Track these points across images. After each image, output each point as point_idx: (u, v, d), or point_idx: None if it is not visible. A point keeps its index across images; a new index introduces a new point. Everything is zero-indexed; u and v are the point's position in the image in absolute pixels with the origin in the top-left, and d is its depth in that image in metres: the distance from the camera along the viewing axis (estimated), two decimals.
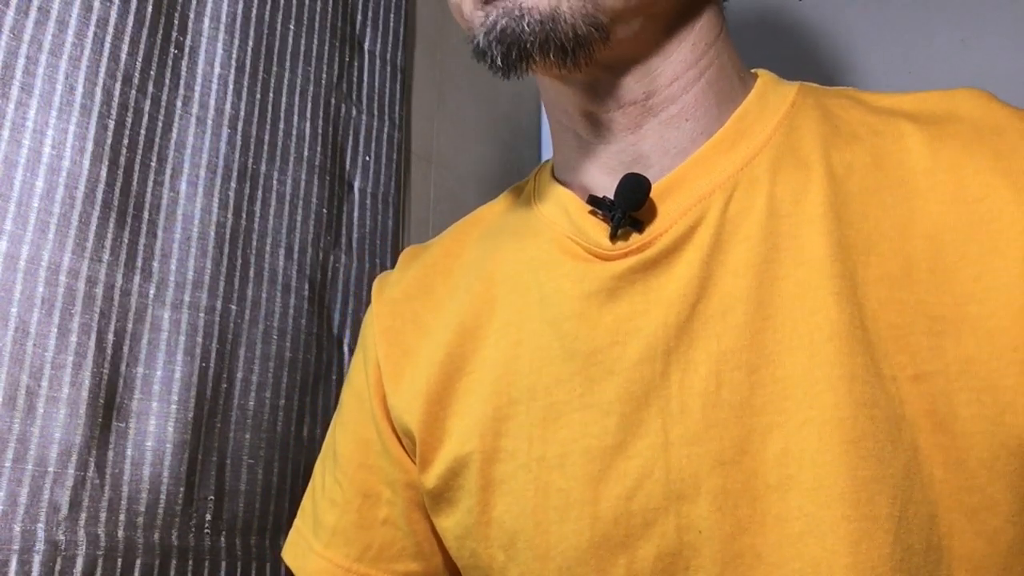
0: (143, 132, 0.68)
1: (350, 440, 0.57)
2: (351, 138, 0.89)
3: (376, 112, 0.92)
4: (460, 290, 0.53)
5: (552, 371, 0.47)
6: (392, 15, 0.96)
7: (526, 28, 0.42)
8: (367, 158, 0.90)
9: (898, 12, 0.91)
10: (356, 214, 0.88)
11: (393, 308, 0.56)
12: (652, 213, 0.46)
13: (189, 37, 0.73)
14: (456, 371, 0.51)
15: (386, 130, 0.93)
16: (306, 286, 0.80)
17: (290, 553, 0.58)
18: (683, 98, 0.46)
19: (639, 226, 0.46)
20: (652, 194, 0.45)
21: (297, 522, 0.60)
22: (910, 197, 0.42)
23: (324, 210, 0.83)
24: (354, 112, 0.89)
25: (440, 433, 0.50)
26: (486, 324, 0.51)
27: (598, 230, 0.47)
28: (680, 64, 0.46)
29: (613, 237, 0.46)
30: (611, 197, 0.46)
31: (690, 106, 0.47)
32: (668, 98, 0.46)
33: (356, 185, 0.88)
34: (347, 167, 0.88)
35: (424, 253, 0.59)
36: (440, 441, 0.50)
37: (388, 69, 0.94)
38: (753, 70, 0.51)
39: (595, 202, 0.47)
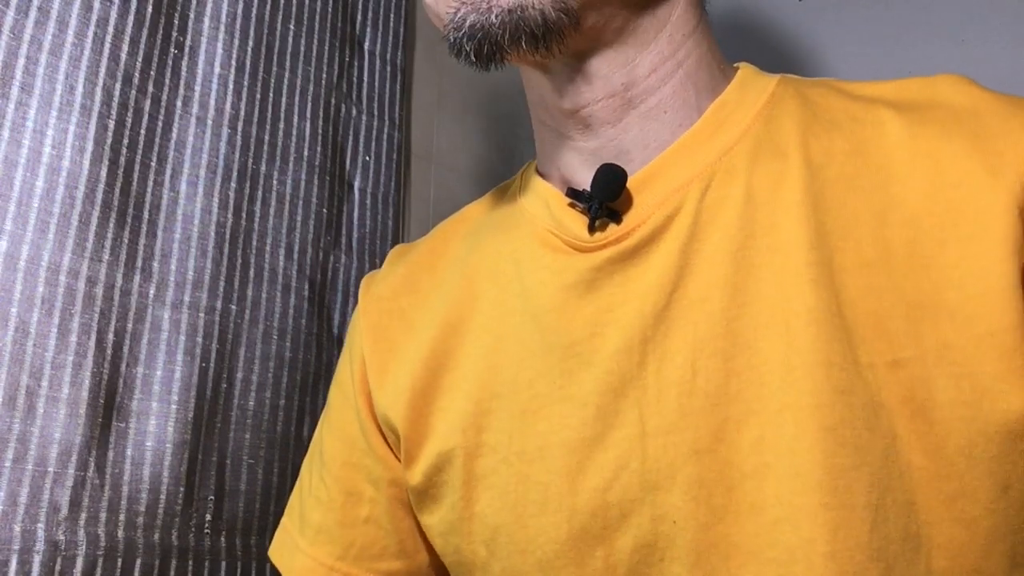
0: (143, 132, 0.68)
1: (335, 438, 0.57)
2: (351, 138, 0.89)
3: (376, 112, 0.92)
4: (445, 286, 0.54)
5: (533, 364, 0.47)
6: (392, 15, 0.96)
7: (494, 21, 0.42)
8: (367, 158, 0.90)
9: (898, 12, 0.91)
10: (356, 214, 0.88)
11: (380, 305, 0.56)
12: (630, 204, 0.46)
13: (189, 37, 0.73)
14: (440, 367, 0.51)
15: (386, 130, 0.93)
16: (306, 286, 0.80)
17: (277, 552, 0.58)
18: (661, 90, 0.47)
19: (617, 217, 0.46)
20: (629, 185, 0.46)
21: (284, 520, 0.60)
22: (888, 183, 0.42)
23: (324, 210, 0.83)
24: (354, 112, 0.89)
25: (424, 429, 0.50)
26: (469, 319, 0.51)
27: (577, 222, 0.47)
28: (656, 56, 0.47)
29: (591, 229, 0.46)
30: (589, 190, 0.46)
31: (668, 98, 0.47)
32: (647, 90, 0.47)
33: (356, 185, 0.88)
34: (347, 167, 0.88)
35: (411, 251, 0.59)
36: (424, 437, 0.50)
37: (388, 69, 0.94)
38: (735, 64, 0.51)
39: (574, 194, 0.47)
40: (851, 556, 0.38)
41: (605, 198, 0.45)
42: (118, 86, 0.66)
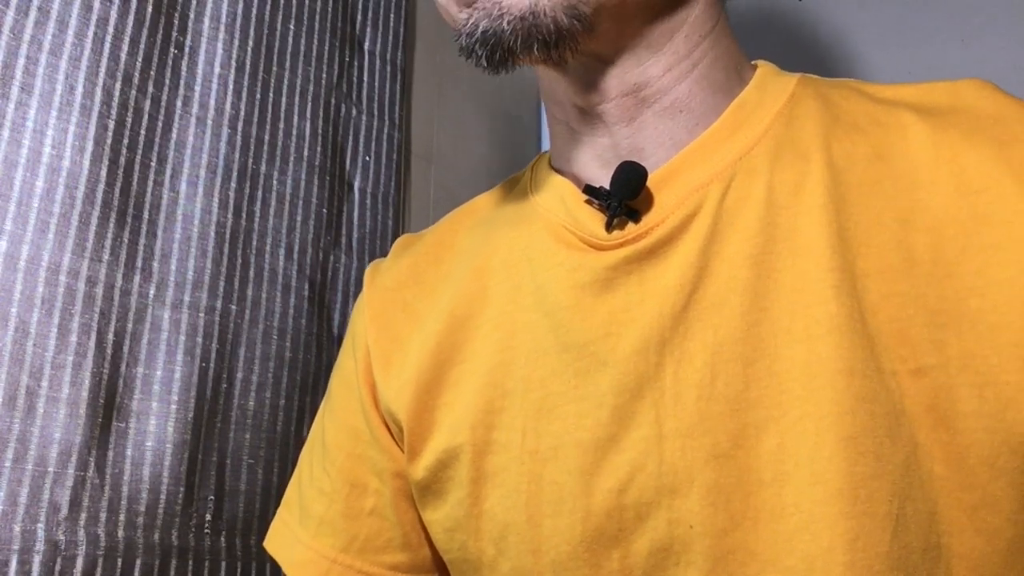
0: (143, 132, 0.68)
1: (339, 429, 0.56)
2: (351, 138, 0.89)
3: (376, 112, 0.92)
4: (452, 278, 0.53)
5: (546, 363, 0.46)
6: (392, 15, 0.96)
7: (506, 28, 0.42)
8: (367, 158, 0.90)
9: (898, 12, 0.91)
10: (356, 214, 0.88)
11: (384, 296, 0.56)
12: (649, 203, 0.45)
13: (189, 37, 0.73)
14: (447, 361, 0.50)
15: (386, 130, 0.93)
16: (306, 286, 0.80)
17: (275, 543, 0.57)
18: (676, 89, 0.46)
19: (635, 216, 0.45)
20: (649, 184, 0.45)
21: (281, 512, 0.59)
22: (912, 189, 0.42)
23: (324, 210, 0.83)
24: (354, 112, 0.89)
25: (429, 423, 0.50)
26: (479, 313, 0.50)
27: (594, 220, 0.47)
28: (672, 56, 0.46)
29: (609, 227, 0.46)
30: (607, 187, 0.46)
31: (684, 97, 0.46)
32: (661, 89, 0.46)
33: (356, 185, 0.88)
34: (347, 167, 0.88)
35: (417, 242, 0.58)
36: (429, 432, 0.50)
37: (388, 69, 0.94)
38: (753, 62, 0.50)
39: (591, 191, 0.47)
40: (870, 565, 0.37)
41: (625, 196, 0.45)
42: (118, 86, 0.66)
